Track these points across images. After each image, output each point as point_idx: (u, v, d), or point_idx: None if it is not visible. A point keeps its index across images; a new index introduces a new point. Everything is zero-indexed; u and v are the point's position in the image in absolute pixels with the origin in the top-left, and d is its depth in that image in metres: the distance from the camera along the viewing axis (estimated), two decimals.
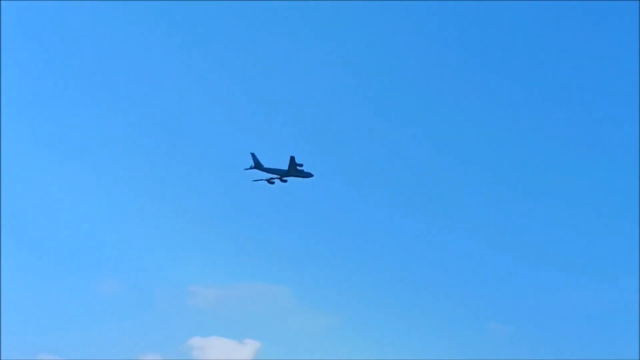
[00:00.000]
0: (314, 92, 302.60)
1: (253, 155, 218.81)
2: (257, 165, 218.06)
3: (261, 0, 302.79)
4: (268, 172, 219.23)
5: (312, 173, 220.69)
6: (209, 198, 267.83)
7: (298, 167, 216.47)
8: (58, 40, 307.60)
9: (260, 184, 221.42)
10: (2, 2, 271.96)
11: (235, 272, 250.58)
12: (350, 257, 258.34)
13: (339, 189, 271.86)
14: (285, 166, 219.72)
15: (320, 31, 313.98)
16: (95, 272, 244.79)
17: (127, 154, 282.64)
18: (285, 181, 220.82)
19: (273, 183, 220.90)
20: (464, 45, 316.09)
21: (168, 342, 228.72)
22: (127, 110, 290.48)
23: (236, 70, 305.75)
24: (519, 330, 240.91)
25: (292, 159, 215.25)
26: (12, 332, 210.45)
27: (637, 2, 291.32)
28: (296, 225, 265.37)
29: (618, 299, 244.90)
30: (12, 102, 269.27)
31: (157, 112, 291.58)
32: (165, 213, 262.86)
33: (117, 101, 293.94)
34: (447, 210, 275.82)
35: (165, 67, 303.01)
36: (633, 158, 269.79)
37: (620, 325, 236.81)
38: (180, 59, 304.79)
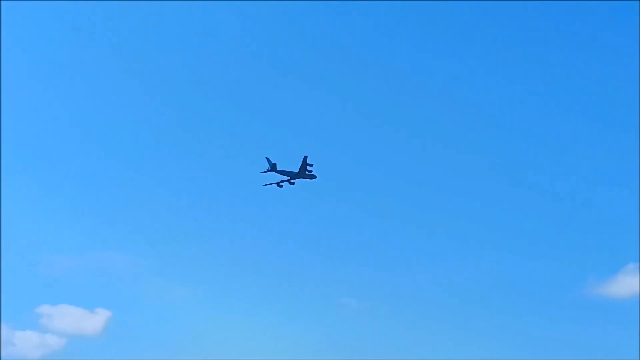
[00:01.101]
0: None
1: (268, 159, 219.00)
2: (273, 168, 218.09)
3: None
4: (281, 174, 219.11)
5: (316, 175, 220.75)
6: (64, 168, 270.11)
7: (308, 168, 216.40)
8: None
9: (270, 188, 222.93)
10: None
11: (88, 242, 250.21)
12: (205, 229, 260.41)
13: (188, 165, 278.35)
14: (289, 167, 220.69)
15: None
16: None
17: None
18: (292, 183, 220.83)
19: (282, 186, 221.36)
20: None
21: (16, 310, 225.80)
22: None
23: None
24: (371, 305, 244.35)
25: (305, 159, 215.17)
26: None
27: (637, 2, 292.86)
28: (152, 196, 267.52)
29: (472, 278, 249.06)
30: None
31: None
32: (19, 180, 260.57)
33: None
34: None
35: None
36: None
37: (476, 302, 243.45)
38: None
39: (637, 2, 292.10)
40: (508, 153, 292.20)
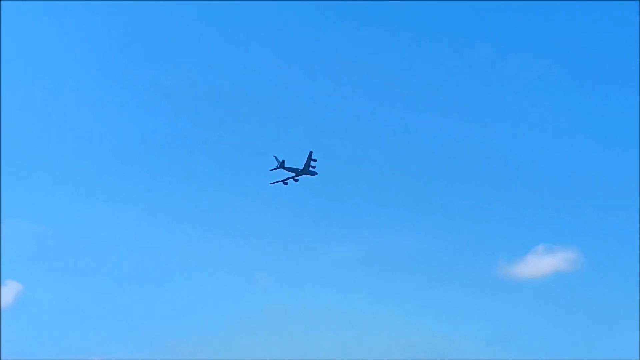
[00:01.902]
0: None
1: (275, 157, 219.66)
2: (281, 165, 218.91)
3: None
4: (288, 171, 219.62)
5: (317, 172, 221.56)
6: None
7: (312, 163, 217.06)
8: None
9: (276, 186, 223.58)
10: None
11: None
12: (120, 202, 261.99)
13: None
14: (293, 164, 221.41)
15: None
16: None
17: None
18: (297, 180, 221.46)
19: (287, 184, 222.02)
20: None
21: None
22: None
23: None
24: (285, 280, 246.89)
25: (310, 154, 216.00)
26: None
27: (637, 2, 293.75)
28: (66, 167, 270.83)
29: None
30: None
31: None
32: None
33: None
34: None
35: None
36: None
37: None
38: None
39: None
40: (438, 139, 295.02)
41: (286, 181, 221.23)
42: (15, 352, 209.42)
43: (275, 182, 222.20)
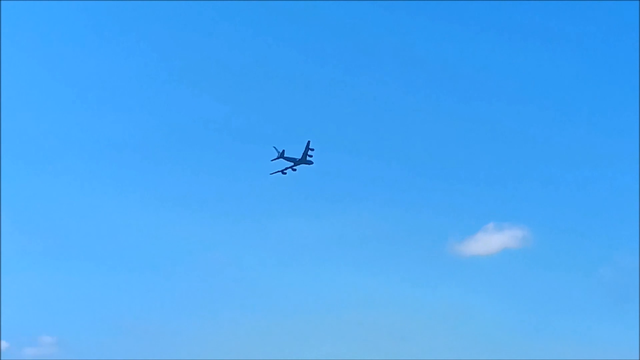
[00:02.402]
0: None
1: (275, 148, 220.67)
2: (281, 155, 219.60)
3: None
4: (287, 161, 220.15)
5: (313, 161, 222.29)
6: None
7: (310, 151, 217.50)
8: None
9: (276, 176, 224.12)
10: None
11: None
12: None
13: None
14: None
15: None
16: None
17: None
18: (295, 170, 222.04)
19: (285, 174, 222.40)
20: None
21: None
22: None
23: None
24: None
25: (308, 143, 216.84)
26: None
27: (637, 2, 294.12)
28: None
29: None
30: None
31: None
32: None
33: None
34: None
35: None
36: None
37: None
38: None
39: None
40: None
41: (285, 171, 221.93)
42: None
43: (275, 172, 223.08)
